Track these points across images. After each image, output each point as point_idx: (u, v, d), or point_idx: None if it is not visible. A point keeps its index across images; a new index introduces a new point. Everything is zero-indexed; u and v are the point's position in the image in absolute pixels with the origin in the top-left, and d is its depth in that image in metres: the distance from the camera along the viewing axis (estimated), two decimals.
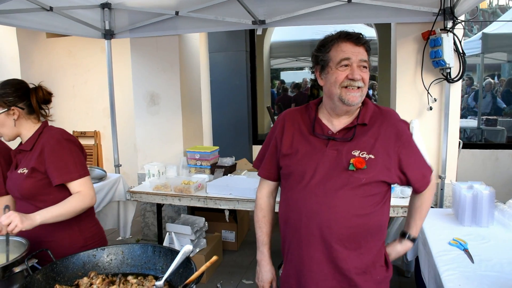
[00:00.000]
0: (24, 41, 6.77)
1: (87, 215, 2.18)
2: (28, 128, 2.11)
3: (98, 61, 6.43)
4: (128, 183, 4.40)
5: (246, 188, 3.58)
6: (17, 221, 1.77)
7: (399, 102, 3.84)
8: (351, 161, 1.66)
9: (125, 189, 4.15)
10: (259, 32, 3.97)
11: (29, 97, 2.08)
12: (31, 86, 2.13)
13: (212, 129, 6.59)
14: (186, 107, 4.72)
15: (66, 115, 6.80)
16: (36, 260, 1.68)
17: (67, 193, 2.06)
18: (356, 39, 1.68)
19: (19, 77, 6.23)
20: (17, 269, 1.65)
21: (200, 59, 5.36)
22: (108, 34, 4.36)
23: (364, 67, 1.68)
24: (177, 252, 1.72)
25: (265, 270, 1.96)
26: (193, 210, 4.72)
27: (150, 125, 4.72)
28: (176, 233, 3.98)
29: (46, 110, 2.18)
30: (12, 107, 2.03)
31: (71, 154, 2.05)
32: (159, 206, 4.18)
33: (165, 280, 1.65)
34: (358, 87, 1.67)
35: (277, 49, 9.99)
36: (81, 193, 2.03)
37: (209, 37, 6.62)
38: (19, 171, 2.07)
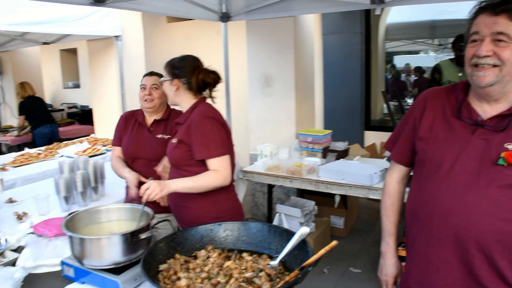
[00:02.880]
0: (148, 26, 7.21)
1: (224, 189, 2.26)
2: (186, 101, 2.32)
3: (213, 45, 6.63)
4: (239, 163, 4.51)
5: (359, 173, 3.47)
6: (157, 190, 1.97)
7: None
8: (502, 154, 1.40)
9: (237, 168, 4.25)
10: (377, 12, 3.76)
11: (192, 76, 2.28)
12: (207, 67, 2.33)
13: (323, 112, 6.49)
14: (299, 89, 4.68)
15: None
16: (160, 229, 1.76)
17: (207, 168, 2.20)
18: (492, 7, 1.39)
19: (143, 60, 6.72)
20: (142, 236, 1.75)
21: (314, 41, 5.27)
22: (225, 17, 4.45)
23: (502, 40, 1.38)
24: (292, 233, 1.70)
25: (390, 263, 1.80)
26: (302, 193, 4.70)
27: (263, 106, 4.77)
28: (286, 215, 4.00)
29: (211, 91, 2.36)
30: (174, 79, 2.27)
31: (212, 132, 2.17)
32: (270, 187, 4.22)
33: (280, 260, 1.64)
34: (494, 65, 1.40)
35: (393, 31, 9.49)
36: (216, 172, 2.14)
37: (323, 18, 6.48)
38: (172, 141, 2.31)
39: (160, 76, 2.73)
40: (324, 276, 3.88)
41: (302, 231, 1.66)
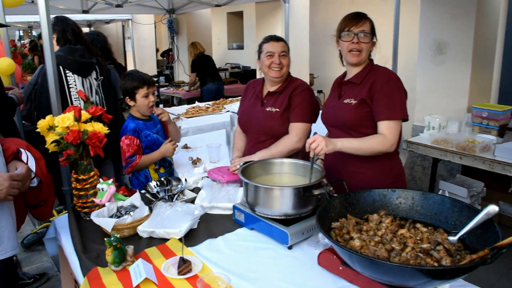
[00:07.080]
0: None
1: (396, 154, 2.23)
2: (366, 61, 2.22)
3: (380, 10, 6.33)
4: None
5: None
6: (323, 145, 1.90)
7: None
8: None
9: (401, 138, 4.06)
10: None
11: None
12: None
13: (499, 86, 5.80)
14: (476, 59, 4.21)
15: None
16: (332, 188, 1.75)
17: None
18: None
19: (307, 24, 6.72)
20: (316, 192, 1.76)
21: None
22: None
23: None
24: (476, 210, 1.56)
25: None
26: (468, 173, 4.31)
27: (433, 75, 4.42)
28: (449, 193, 3.72)
29: None
30: (374, 40, 2.21)
31: (398, 94, 2.08)
32: (435, 161, 3.95)
33: (459, 237, 1.51)
34: None
35: None
36: (384, 136, 2.04)
37: None
38: (345, 101, 2.18)
39: (284, 41, 2.60)
40: (488, 266, 3.54)
41: (490, 209, 1.51)
